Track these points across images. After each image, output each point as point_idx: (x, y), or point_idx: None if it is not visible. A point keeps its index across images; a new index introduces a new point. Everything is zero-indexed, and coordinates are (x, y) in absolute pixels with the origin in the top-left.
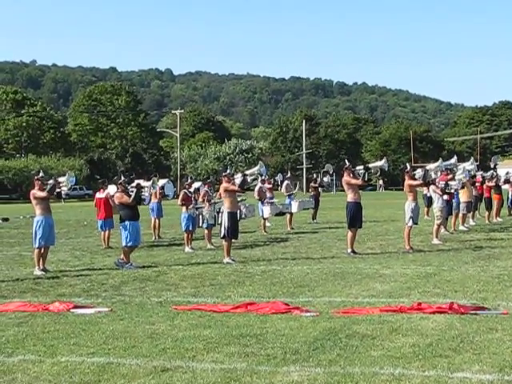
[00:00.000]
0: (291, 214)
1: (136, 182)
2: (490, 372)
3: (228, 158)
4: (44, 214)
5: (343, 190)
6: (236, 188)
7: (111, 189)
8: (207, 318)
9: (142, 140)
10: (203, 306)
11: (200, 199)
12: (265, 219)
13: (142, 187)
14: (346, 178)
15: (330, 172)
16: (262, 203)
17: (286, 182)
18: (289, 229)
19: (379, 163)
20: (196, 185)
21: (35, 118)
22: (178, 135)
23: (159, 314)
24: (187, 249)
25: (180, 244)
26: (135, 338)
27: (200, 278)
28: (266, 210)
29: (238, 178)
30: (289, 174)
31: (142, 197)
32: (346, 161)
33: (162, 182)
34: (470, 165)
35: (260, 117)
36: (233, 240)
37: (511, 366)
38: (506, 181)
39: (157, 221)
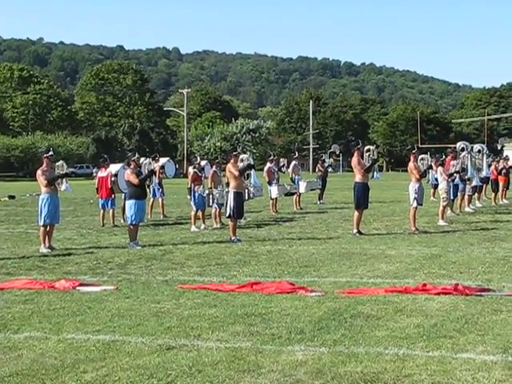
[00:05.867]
0: (299, 194)
1: (156, 165)
2: (494, 353)
3: (235, 137)
4: (50, 192)
5: (350, 171)
6: (236, 173)
7: (113, 167)
8: (212, 296)
9: (149, 119)
10: (209, 285)
11: (209, 179)
12: (273, 199)
13: (154, 173)
14: (355, 158)
15: (337, 152)
16: (270, 184)
17: (293, 163)
18: (295, 209)
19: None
20: (202, 163)
21: (42, 95)
22: (185, 114)
23: (164, 292)
24: (193, 228)
25: (186, 223)
26: (140, 317)
27: (206, 257)
28: (274, 191)
29: (244, 162)
30: (296, 155)
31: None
32: (359, 141)
33: (162, 160)
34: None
35: (267, 97)
36: (242, 220)
37: None
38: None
39: (159, 200)
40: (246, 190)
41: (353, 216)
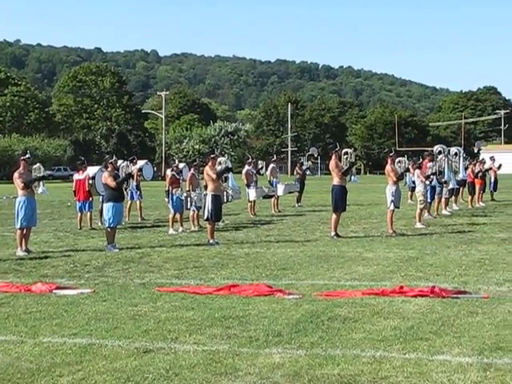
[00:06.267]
0: (277, 197)
1: (133, 167)
2: (470, 355)
3: (213, 140)
4: (26, 195)
5: (328, 174)
6: (214, 176)
7: (91, 170)
8: (190, 299)
9: (127, 121)
10: (186, 287)
11: (187, 182)
12: (251, 202)
13: (132, 176)
14: (333, 161)
15: (315, 155)
16: (248, 186)
17: (271, 166)
18: (273, 212)
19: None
20: (180, 166)
21: (19, 97)
22: (163, 117)
23: (142, 295)
24: (171, 231)
25: (164, 226)
26: (117, 320)
27: (183, 259)
28: (252, 193)
29: (222, 165)
30: (274, 158)
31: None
32: (337, 144)
33: (140, 163)
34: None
35: (245, 99)
36: (220, 223)
37: (490, 349)
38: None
39: (137, 203)
40: (225, 193)
41: (331, 219)
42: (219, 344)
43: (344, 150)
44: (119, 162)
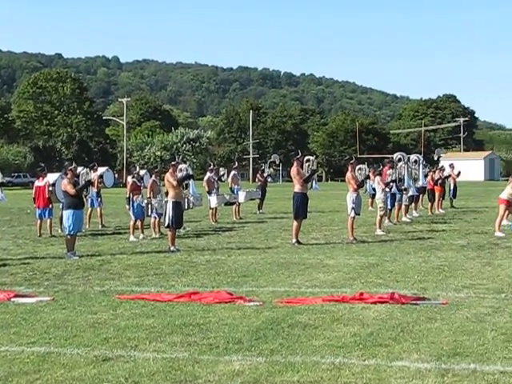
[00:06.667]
0: (238, 204)
1: (94, 174)
2: (428, 361)
3: (175, 146)
4: None
5: (289, 181)
6: (174, 183)
7: (51, 177)
8: (150, 307)
9: (88, 128)
10: (146, 295)
11: (148, 189)
12: (212, 209)
13: (92, 183)
14: (294, 168)
15: (277, 162)
16: (210, 193)
17: (232, 173)
18: (235, 219)
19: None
20: (141, 172)
21: None
22: (125, 123)
23: (102, 303)
24: (132, 238)
25: (125, 233)
26: (77, 328)
27: (144, 267)
28: (213, 200)
29: (183, 172)
30: (236, 165)
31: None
32: (299, 151)
33: (101, 170)
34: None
35: (207, 106)
36: (181, 230)
37: (448, 355)
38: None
39: (97, 210)
40: (186, 200)
41: (292, 226)
42: (179, 351)
43: (306, 157)
44: (79, 168)
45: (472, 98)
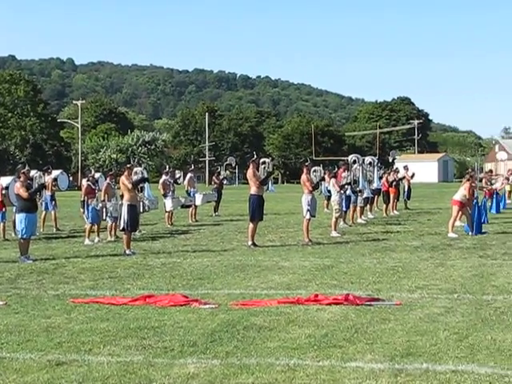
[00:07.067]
0: (195, 206)
1: (48, 177)
2: (382, 361)
3: (130, 149)
4: None
5: (246, 183)
6: (129, 186)
7: (4, 180)
8: (105, 310)
9: (42, 131)
10: (101, 298)
11: (102, 192)
12: (168, 212)
13: (46, 186)
14: (250, 170)
15: (233, 165)
16: (165, 196)
17: (189, 175)
18: (191, 221)
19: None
20: (96, 175)
21: None
22: (80, 126)
23: (56, 307)
24: (87, 241)
25: (79, 236)
26: (30, 332)
27: (99, 270)
28: (169, 203)
29: (138, 175)
30: (192, 167)
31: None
32: (255, 153)
33: (55, 173)
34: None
35: (163, 109)
36: (136, 233)
37: (402, 355)
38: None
39: (52, 213)
40: (142, 203)
41: (248, 228)
42: (134, 355)
43: (261, 160)
44: (33, 172)
45: (426, 100)
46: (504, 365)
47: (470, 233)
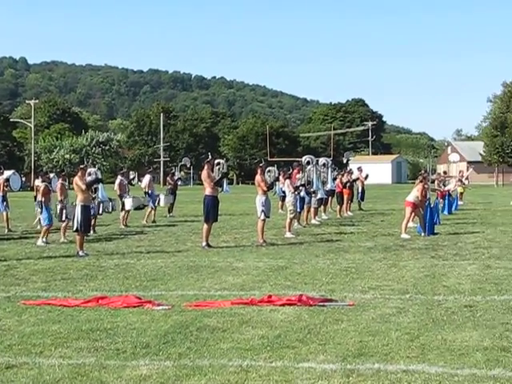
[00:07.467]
0: (154, 207)
1: (0, 178)
2: (334, 361)
3: (84, 150)
4: None
5: (200, 184)
6: (83, 186)
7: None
8: (57, 312)
9: None
10: (53, 300)
11: (59, 192)
12: (124, 212)
13: None
14: (205, 171)
15: (188, 165)
16: (122, 196)
17: (149, 177)
18: (144, 222)
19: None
20: (50, 176)
21: None
22: (33, 126)
23: (6, 309)
24: (39, 242)
25: (32, 237)
26: None
27: (51, 272)
28: (128, 203)
29: (92, 176)
30: (151, 169)
31: None
32: (209, 154)
33: (7, 173)
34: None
35: (118, 109)
36: (90, 234)
37: (354, 356)
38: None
39: (4, 214)
40: (101, 205)
41: (202, 229)
42: (85, 357)
43: (216, 161)
44: None
45: (380, 102)
46: (454, 364)
47: (423, 234)
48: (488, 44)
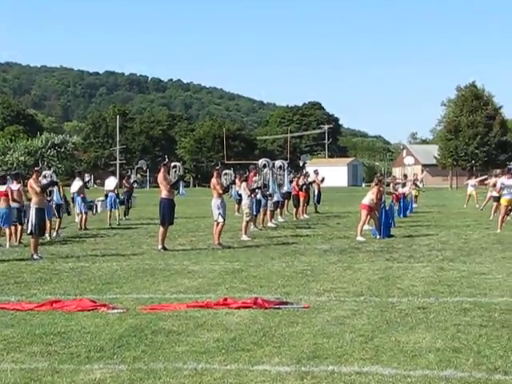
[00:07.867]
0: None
1: None
2: (289, 364)
3: (39, 152)
4: None
5: (157, 186)
6: (38, 189)
7: None
8: (10, 316)
9: None
10: (6, 304)
11: (22, 194)
12: (81, 215)
13: None
14: (161, 174)
15: (144, 168)
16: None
17: (114, 179)
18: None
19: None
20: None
21: None
22: None
23: None
24: None
25: None
26: None
27: (4, 275)
28: (101, 206)
29: (47, 178)
30: (111, 169)
31: None
32: (166, 157)
33: None
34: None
35: (73, 111)
36: (44, 236)
37: (308, 358)
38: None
39: None
40: (61, 206)
41: (158, 232)
42: (39, 361)
43: (173, 164)
44: None
45: (336, 105)
46: (407, 366)
47: (378, 236)
48: (442, 49)
